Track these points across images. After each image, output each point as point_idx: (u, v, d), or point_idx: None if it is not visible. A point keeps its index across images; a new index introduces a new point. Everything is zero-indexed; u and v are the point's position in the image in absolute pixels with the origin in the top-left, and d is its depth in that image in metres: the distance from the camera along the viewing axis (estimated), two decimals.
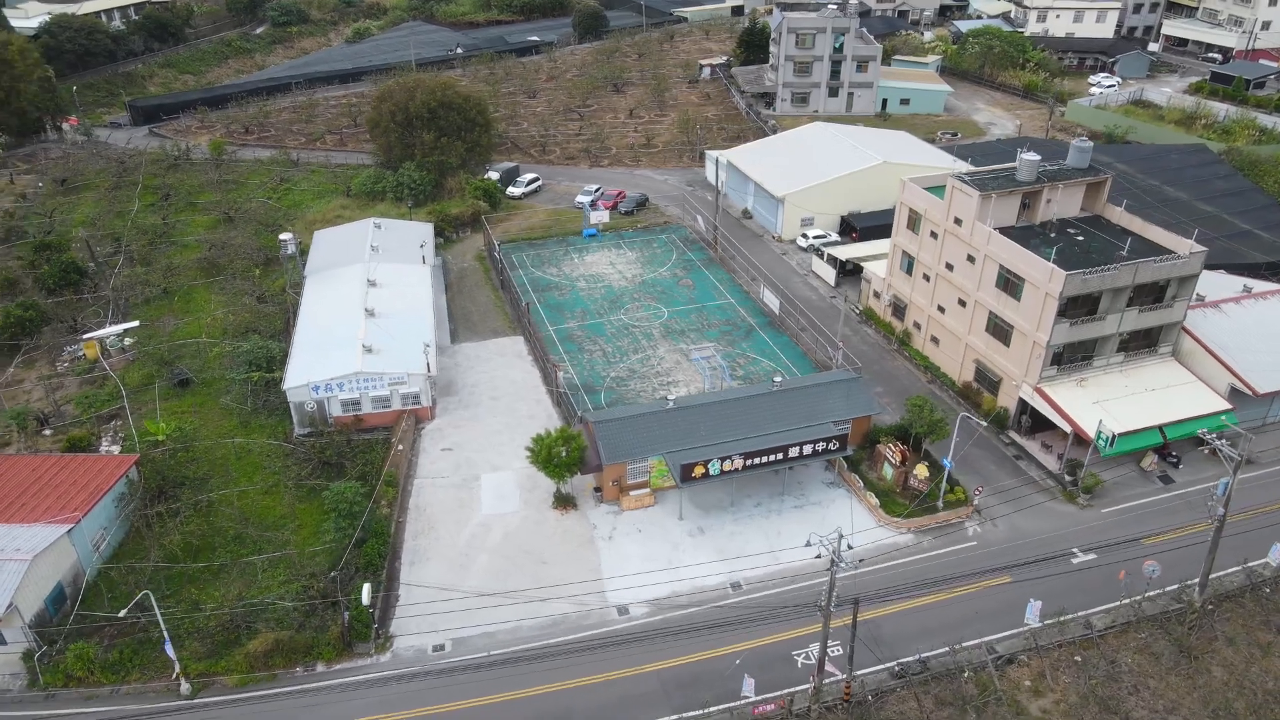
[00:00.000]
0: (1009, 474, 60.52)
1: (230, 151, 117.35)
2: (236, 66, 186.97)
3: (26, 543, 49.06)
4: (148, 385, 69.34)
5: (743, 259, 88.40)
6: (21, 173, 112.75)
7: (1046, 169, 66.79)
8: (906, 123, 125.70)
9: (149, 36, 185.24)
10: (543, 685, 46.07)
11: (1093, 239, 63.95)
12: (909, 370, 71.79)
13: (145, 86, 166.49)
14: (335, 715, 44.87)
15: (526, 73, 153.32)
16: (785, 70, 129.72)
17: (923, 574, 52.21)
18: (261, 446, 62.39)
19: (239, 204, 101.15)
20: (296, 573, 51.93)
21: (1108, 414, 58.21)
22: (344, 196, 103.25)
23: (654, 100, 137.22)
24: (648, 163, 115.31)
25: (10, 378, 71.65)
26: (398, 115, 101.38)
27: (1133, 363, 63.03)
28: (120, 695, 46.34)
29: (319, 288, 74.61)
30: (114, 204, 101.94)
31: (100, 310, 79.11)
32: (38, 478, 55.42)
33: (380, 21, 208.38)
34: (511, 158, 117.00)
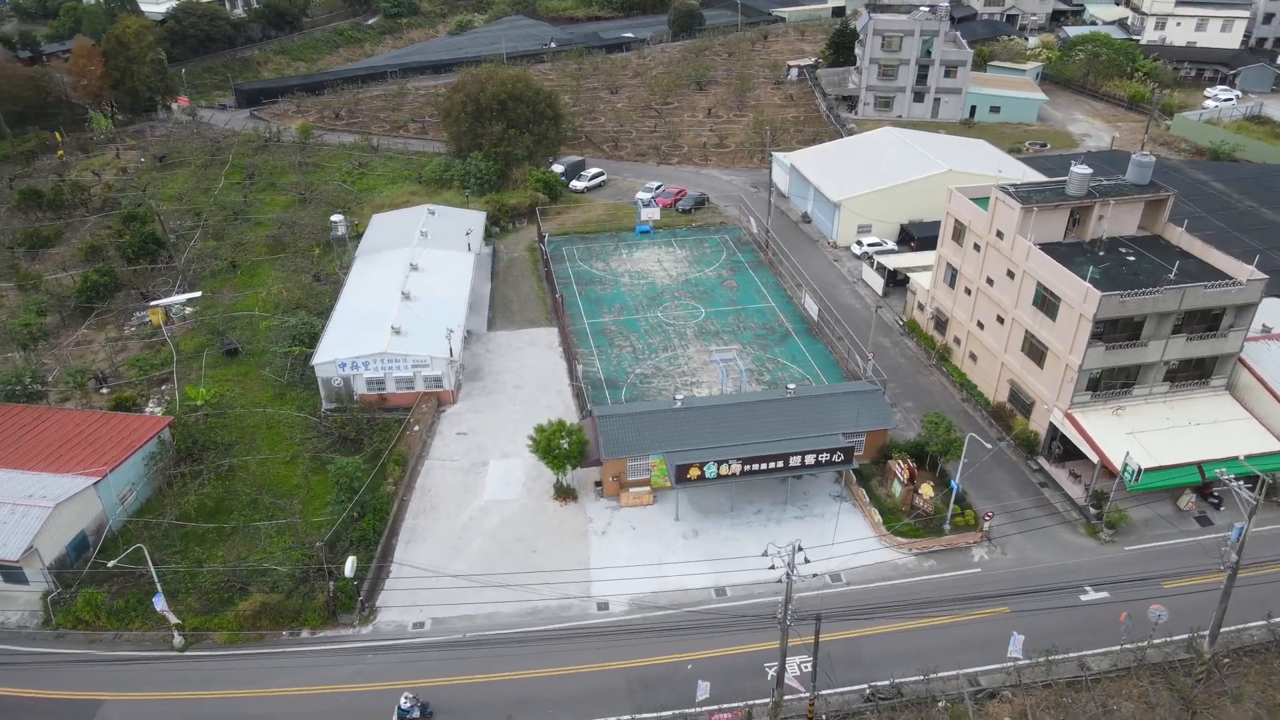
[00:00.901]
0: (1031, 501, 57.64)
1: (317, 135, 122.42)
2: (346, 55, 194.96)
3: (53, 491, 52.53)
4: (200, 353, 73.10)
5: (792, 263, 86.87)
6: (128, 148, 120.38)
7: (1101, 184, 63.22)
8: (994, 131, 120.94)
9: (267, 24, 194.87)
10: (510, 671, 46.52)
11: (1144, 260, 60.22)
12: (944, 386, 69.18)
13: (259, 71, 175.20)
14: (312, 680, 46.40)
15: (613, 69, 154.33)
16: (869, 73, 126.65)
17: (917, 596, 50.28)
18: (289, 418, 64.97)
19: (316, 186, 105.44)
20: (298, 541, 53.89)
21: (1141, 446, 54.81)
22: (415, 183, 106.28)
23: (735, 100, 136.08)
24: (717, 162, 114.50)
25: (81, 338, 76.68)
26: (469, 106, 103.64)
27: (1180, 394, 59.10)
28: (120, 641, 49.10)
29: (365, 269, 77.10)
30: (202, 181, 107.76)
31: (170, 280, 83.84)
32: (80, 432, 59.21)
33: (484, 15, 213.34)
34: (584, 152, 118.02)
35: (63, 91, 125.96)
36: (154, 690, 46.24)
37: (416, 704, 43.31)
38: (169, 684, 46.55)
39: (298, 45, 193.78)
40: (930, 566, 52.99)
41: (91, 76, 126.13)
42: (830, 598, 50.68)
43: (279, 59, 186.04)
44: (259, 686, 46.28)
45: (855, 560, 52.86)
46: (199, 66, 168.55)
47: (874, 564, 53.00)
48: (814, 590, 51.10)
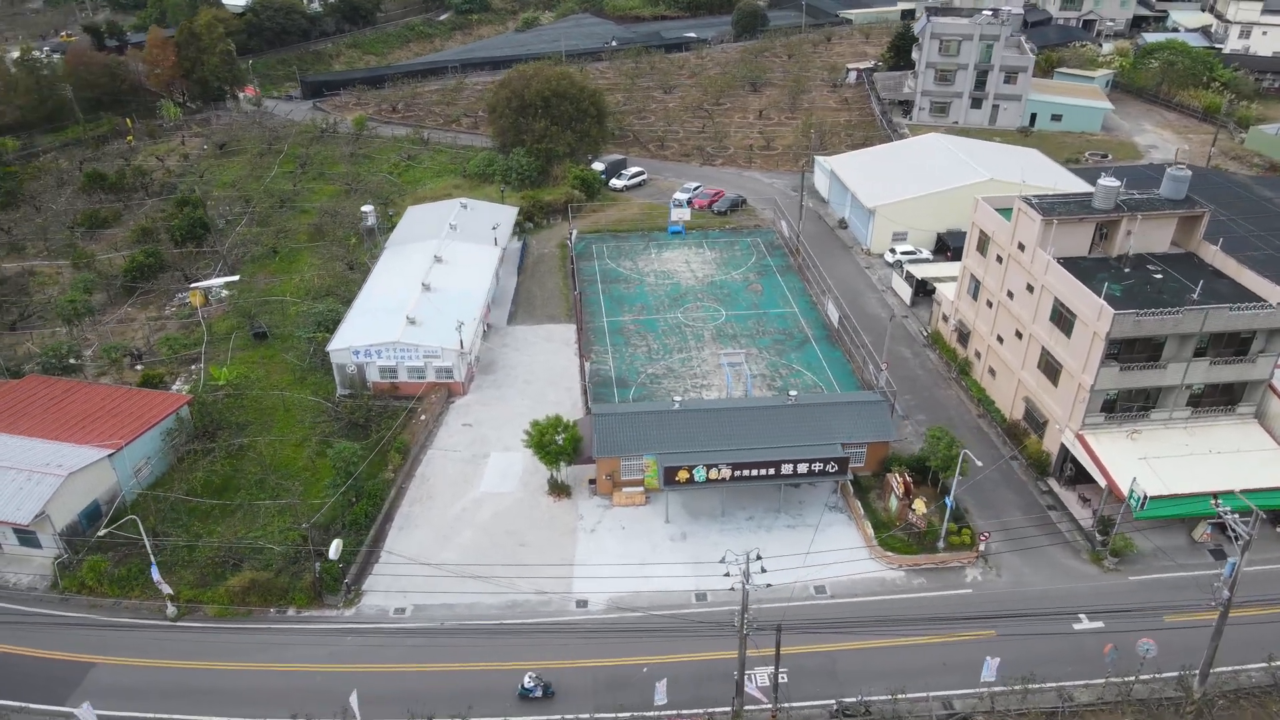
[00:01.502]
0: (1035, 523, 55.70)
1: (371, 128, 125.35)
2: (415, 49, 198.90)
3: (68, 460, 54.95)
4: (231, 335, 75.56)
5: (823, 269, 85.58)
6: (193, 135, 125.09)
7: (1131, 198, 60.73)
8: (1053, 140, 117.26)
9: (341, 19, 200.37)
10: (480, 662, 46.98)
11: (1172, 278, 57.64)
12: (961, 401, 67.35)
13: (331, 64, 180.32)
14: (291, 657, 47.63)
15: (670, 68, 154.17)
16: (925, 78, 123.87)
17: (902, 614, 49.07)
18: (304, 402, 66.71)
19: (363, 177, 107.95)
20: (295, 522, 55.27)
21: (1153, 472, 52.51)
22: (460, 177, 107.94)
23: (788, 102, 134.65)
24: (761, 165, 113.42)
25: (124, 315, 80.00)
26: (513, 102, 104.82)
27: (1203, 420, 56.41)
28: (119, 608, 51.12)
29: (392, 259, 78.68)
30: (257, 169, 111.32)
31: (212, 263, 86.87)
32: (104, 406, 61.81)
33: (552, 13, 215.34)
34: (630, 151, 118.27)
35: (137, 80, 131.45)
36: (143, 657, 48.02)
37: (539, 684, 43.88)
38: (158, 652, 48.29)
39: (369, 39, 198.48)
40: (919, 584, 51.67)
41: (164, 66, 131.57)
42: (812, 609, 49.89)
43: (350, 52, 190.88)
44: (241, 660, 47.68)
45: (842, 573, 51.89)
46: (273, 59, 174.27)
47: (861, 578, 51.92)
48: (797, 601, 50.36)
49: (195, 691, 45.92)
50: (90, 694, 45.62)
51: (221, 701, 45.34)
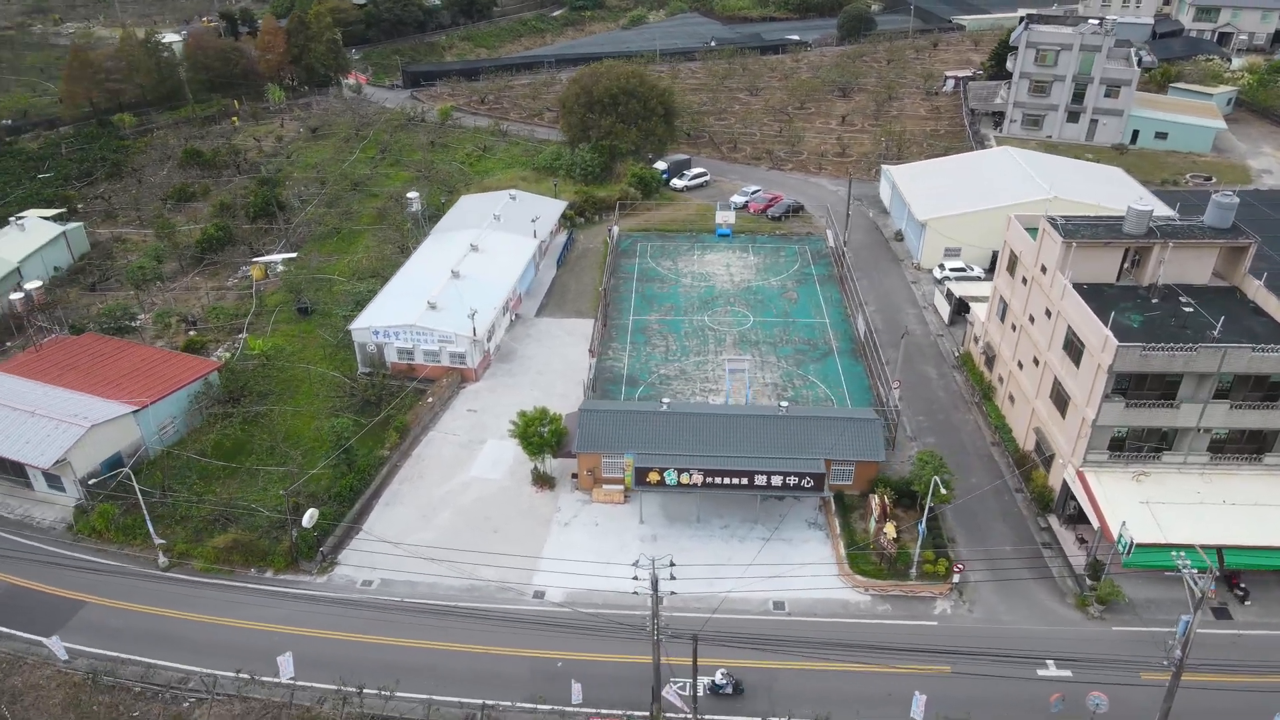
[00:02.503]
0: (1026, 560, 52.84)
1: (456, 118, 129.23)
2: (526, 44, 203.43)
3: (94, 413, 59.33)
4: (278, 308, 79.70)
5: (866, 281, 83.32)
6: (292, 119, 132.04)
7: (1168, 224, 56.68)
8: (1154, 160, 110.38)
9: (458, 12, 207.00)
10: (429, 640, 48.24)
11: (1203, 312, 53.48)
12: (977, 426, 64.42)
13: (443, 55, 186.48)
14: (260, 616, 50.08)
15: (762, 70, 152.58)
16: (1019, 88, 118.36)
17: (854, 638, 47.51)
18: (326, 377, 69.75)
19: (437, 165, 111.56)
20: (289, 489, 57.94)
21: (1153, 518, 49.07)
22: (528, 169, 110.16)
23: (875, 109, 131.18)
24: (831, 171, 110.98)
25: (190, 283, 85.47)
26: (582, 98, 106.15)
27: (1223, 467, 52.21)
28: (119, 554, 54.94)
29: (432, 245, 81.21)
30: (342, 153, 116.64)
31: (277, 239, 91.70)
32: (143, 365, 66.39)
33: (661, 12, 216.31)
34: (702, 152, 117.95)
35: (250, 64, 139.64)
36: (130, 602, 51.45)
37: (730, 680, 43.65)
38: (144, 598, 51.63)
39: (483, 33, 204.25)
40: (884, 611, 49.90)
41: (275, 52, 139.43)
42: (765, 624, 48.96)
43: (463, 44, 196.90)
44: (214, 613, 50.48)
45: (805, 591, 50.61)
46: (388, 49, 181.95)
47: (824, 598, 50.53)
48: (752, 615, 49.58)
49: (167, 638, 48.94)
50: (75, 630, 49.46)
51: (186, 649, 48.14)
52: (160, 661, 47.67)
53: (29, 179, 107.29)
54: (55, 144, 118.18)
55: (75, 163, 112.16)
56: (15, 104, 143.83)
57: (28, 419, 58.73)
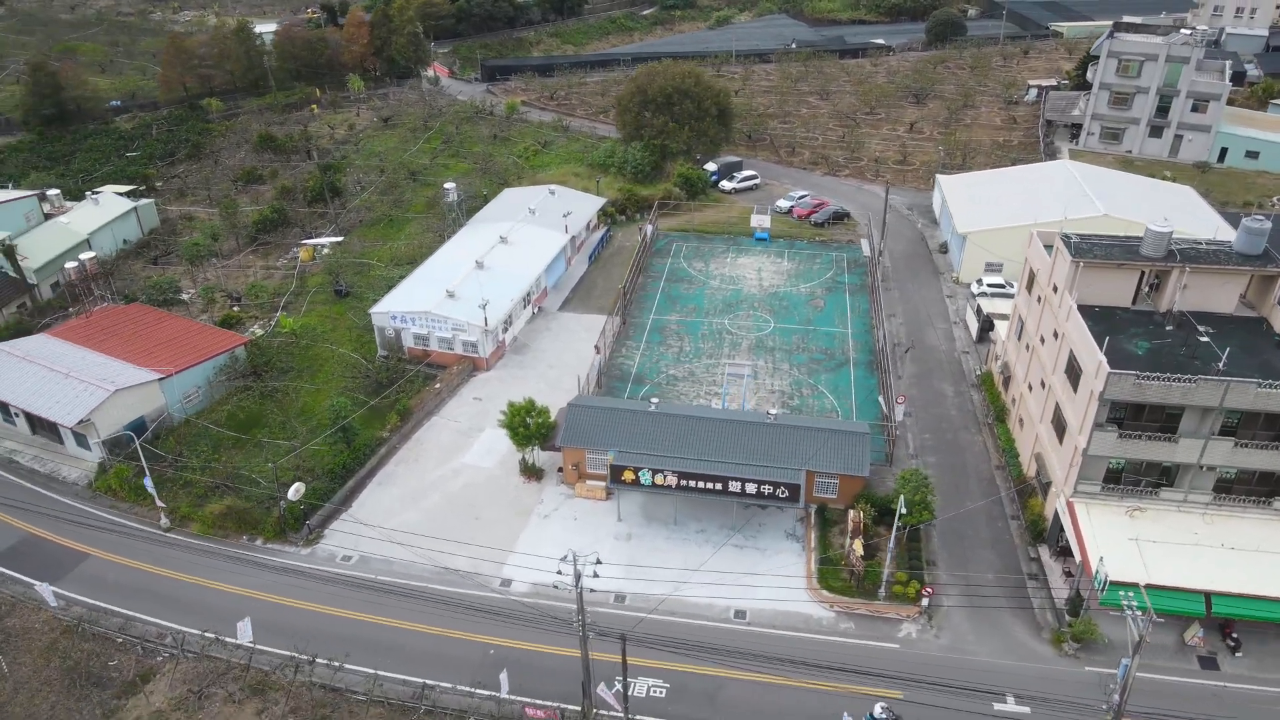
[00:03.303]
0: (1007, 590, 50.77)
1: (523, 113, 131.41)
2: (614, 41, 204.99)
3: (121, 378, 62.96)
4: (317, 289, 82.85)
5: (900, 292, 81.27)
6: (369, 108, 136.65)
7: (1191, 248, 53.46)
8: (1240, 180, 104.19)
9: (549, 9, 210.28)
10: (391, 618, 49.54)
11: (1220, 343, 50.22)
12: (985, 449, 62.11)
13: (530, 51, 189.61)
14: (242, 582, 52.35)
15: (838, 73, 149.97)
16: (1099, 100, 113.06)
17: (810, 655, 46.59)
18: (346, 358, 72.16)
19: (495, 158, 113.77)
20: (295, 463, 60.30)
21: (1139, 556, 46.55)
22: (583, 165, 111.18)
23: (949, 117, 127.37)
24: (888, 179, 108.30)
25: (242, 261, 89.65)
26: (637, 97, 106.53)
27: (1228, 509, 49.02)
28: (129, 513, 58.23)
29: (465, 235, 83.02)
30: (408, 142, 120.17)
31: (328, 224, 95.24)
32: (178, 336, 70.09)
33: (749, 12, 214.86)
34: (759, 154, 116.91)
35: (334, 55, 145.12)
36: (129, 558, 54.55)
37: (891, 714, 42.66)
38: (142, 556, 54.66)
39: (571, 29, 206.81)
40: (846, 629, 48.75)
41: (359, 44, 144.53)
42: (722, 631, 48.49)
43: (551, 40, 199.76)
44: (201, 575, 53.08)
45: (770, 603, 49.87)
46: (477, 43, 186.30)
47: (788, 611, 49.67)
48: (711, 621, 49.19)
49: (155, 595, 51.71)
50: (75, 579, 52.83)
51: (169, 607, 50.77)
52: (143, 616, 50.40)
53: (118, 157, 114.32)
54: (147, 125, 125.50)
55: (161, 143, 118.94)
56: (125, 86, 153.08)
57: (61, 380, 62.74)
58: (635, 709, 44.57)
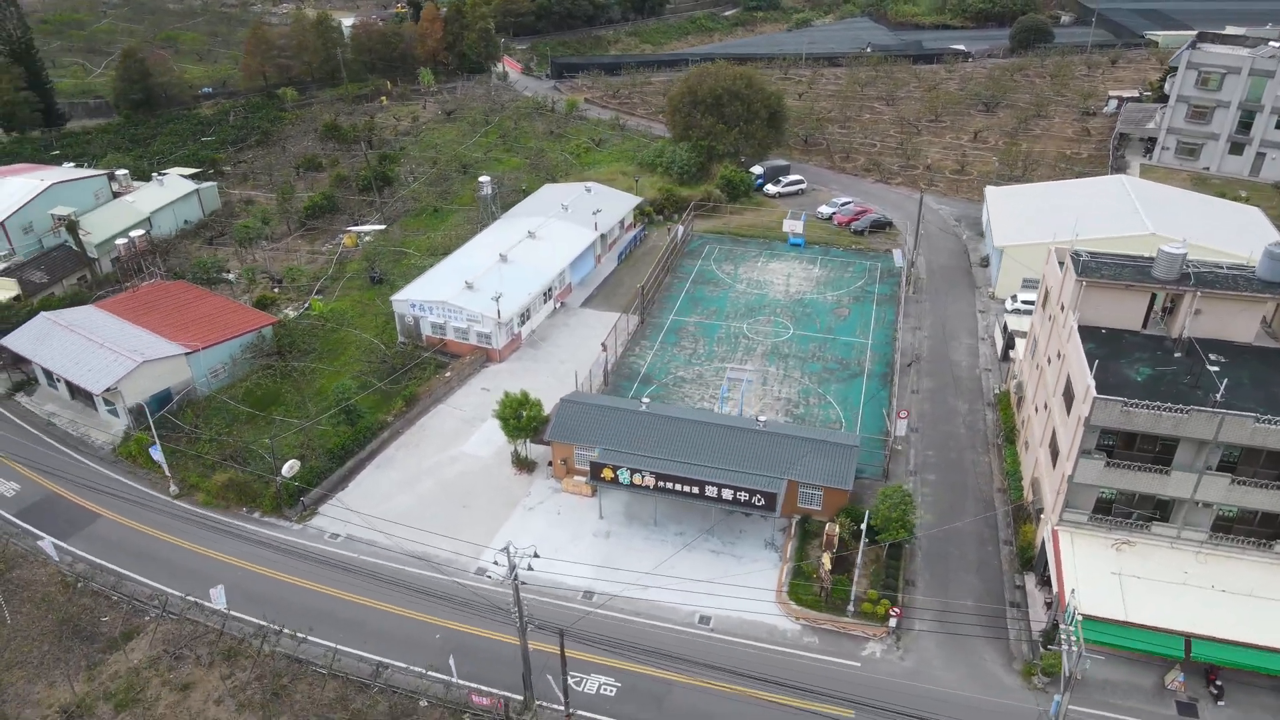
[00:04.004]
0: (985, 617, 49.06)
1: (582, 110, 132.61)
2: (693, 41, 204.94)
3: (150, 350, 66.24)
4: (354, 275, 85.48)
5: (931, 305, 79.19)
6: (435, 102, 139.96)
7: (1207, 272, 50.57)
8: None
9: (629, 8, 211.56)
10: (364, 597, 50.91)
11: (1231, 374, 47.44)
12: (989, 470, 60.04)
13: (608, 49, 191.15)
14: (233, 551, 54.60)
15: (909, 79, 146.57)
16: (1175, 113, 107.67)
17: (764, 666, 46.00)
18: (368, 343, 74.28)
19: (547, 154, 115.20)
20: (303, 442, 62.46)
21: (1119, 591, 44.47)
22: (632, 164, 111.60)
23: (1018, 127, 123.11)
24: (941, 189, 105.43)
25: (290, 245, 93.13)
26: (687, 97, 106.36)
27: (1225, 550, 46.30)
28: (144, 478, 61.26)
29: (496, 228, 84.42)
30: (465, 136, 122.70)
31: (374, 211, 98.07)
32: (210, 313, 73.29)
33: (832, 15, 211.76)
34: (812, 159, 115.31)
35: (408, 48, 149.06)
36: (136, 521, 57.45)
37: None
38: (148, 520, 57.49)
39: (650, 29, 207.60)
40: (809, 643, 47.89)
41: (432, 38, 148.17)
42: (682, 636, 48.27)
43: (629, 39, 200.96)
44: (198, 542, 55.56)
45: (735, 612, 49.35)
46: (555, 40, 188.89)
47: (753, 621, 49.06)
48: (674, 625, 49.00)
49: (153, 557, 54.39)
50: (84, 537, 56.02)
51: (163, 570, 53.34)
52: (138, 577, 53.06)
53: (194, 141, 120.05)
54: (225, 112, 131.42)
55: (236, 129, 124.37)
56: (217, 74, 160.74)
57: (97, 349, 66.39)
58: (585, 705, 44.84)
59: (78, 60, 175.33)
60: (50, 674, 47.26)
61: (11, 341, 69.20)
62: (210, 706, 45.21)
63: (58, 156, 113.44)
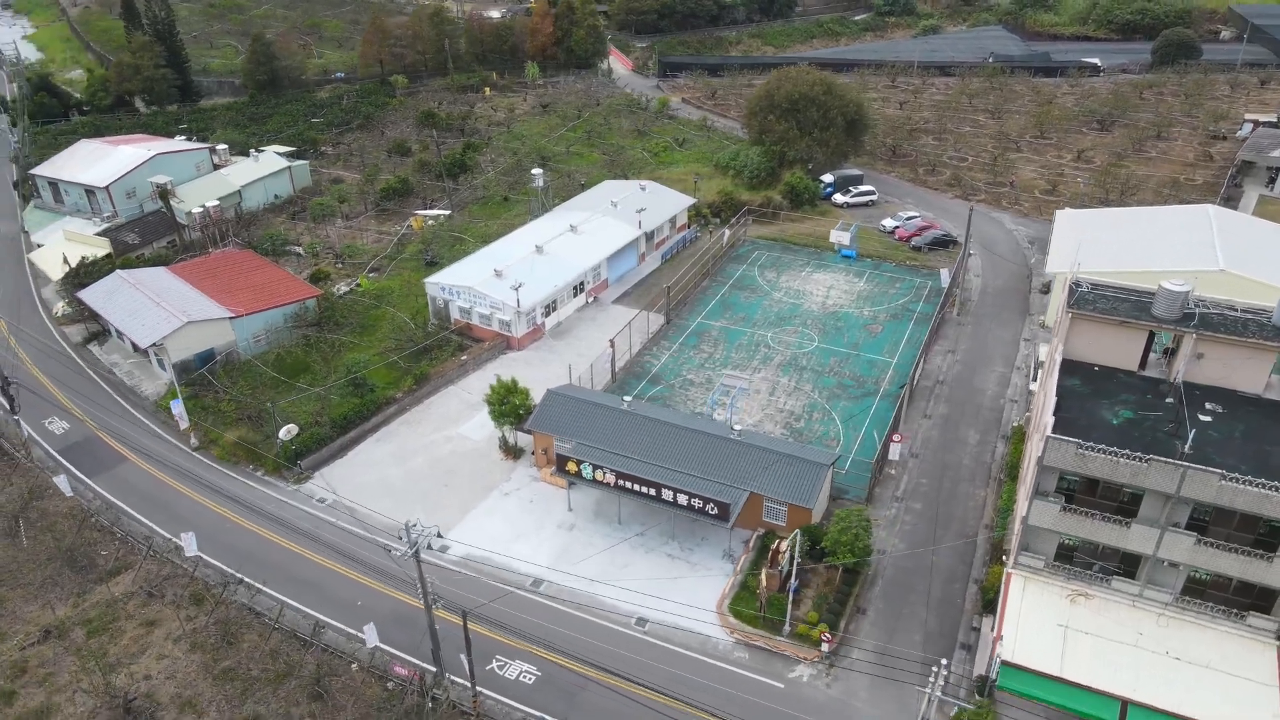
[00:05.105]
0: (929, 656, 46.86)
1: (673, 109, 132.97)
2: (818, 44, 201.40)
3: (197, 311, 71.39)
4: (411, 256, 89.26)
5: (974, 329, 75.70)
6: (537, 95, 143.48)
7: (1215, 313, 46.37)
8: None
9: (756, 9, 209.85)
10: (326, 560, 53.54)
11: (1224, 427, 43.56)
12: (982, 505, 57.06)
13: (729, 50, 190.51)
14: (227, 504, 58.46)
15: (1025, 92, 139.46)
16: None
17: (688, 674, 45.67)
18: (401, 320, 77.50)
19: (626, 151, 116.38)
20: (317, 409, 66.03)
21: (1061, 645, 41.73)
22: (709, 165, 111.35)
23: (1130, 148, 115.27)
24: (1023, 209, 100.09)
25: (360, 224, 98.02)
26: (764, 101, 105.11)
27: (1192, 614, 42.57)
28: (174, 429, 66.26)
29: (542, 220, 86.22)
30: (554, 129, 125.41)
31: (444, 197, 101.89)
32: (263, 282, 78.21)
33: (965, 23, 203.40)
34: (894, 170, 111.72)
35: (518, 42, 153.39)
36: (156, 468, 62.29)
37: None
38: (166, 468, 62.22)
39: (773, 31, 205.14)
40: (738, 659, 47.10)
41: (542, 33, 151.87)
42: (617, 635, 48.45)
43: (751, 41, 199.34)
44: (201, 492, 59.77)
45: (673, 617, 49.00)
46: (674, 39, 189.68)
47: (689, 629, 48.55)
48: (611, 623, 49.22)
49: (159, 501, 58.95)
50: (107, 478, 61.29)
51: (164, 513, 57.76)
52: (140, 518, 57.66)
53: (304, 121, 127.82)
54: (339, 96, 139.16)
55: (345, 113, 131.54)
56: (352, 61, 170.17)
57: (153, 307, 72.16)
58: (501, 689, 45.76)
59: (231, 42, 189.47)
60: (45, 596, 52.09)
61: (86, 295, 76.10)
62: (168, 644, 48.74)
63: (184, 130, 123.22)
